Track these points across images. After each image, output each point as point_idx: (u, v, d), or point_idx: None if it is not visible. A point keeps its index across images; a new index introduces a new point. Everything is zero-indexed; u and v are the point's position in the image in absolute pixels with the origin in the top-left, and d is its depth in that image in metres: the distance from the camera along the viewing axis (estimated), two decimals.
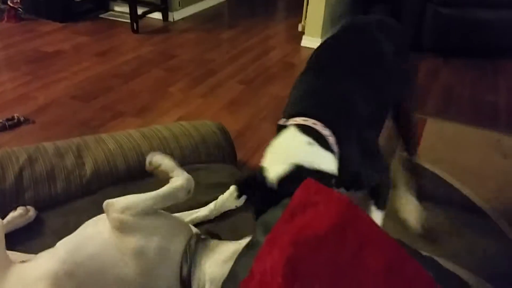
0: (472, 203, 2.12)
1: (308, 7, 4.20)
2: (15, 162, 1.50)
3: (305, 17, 4.34)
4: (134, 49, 3.84)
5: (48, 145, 1.62)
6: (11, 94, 2.90)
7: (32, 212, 1.38)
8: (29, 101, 2.79)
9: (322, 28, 4.15)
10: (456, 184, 2.24)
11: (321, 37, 4.16)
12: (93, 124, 2.59)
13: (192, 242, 1.00)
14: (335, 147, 1.15)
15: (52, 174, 1.50)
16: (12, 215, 1.32)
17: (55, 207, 1.44)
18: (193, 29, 4.47)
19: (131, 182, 1.54)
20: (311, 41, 4.20)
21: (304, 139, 1.12)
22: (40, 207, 1.43)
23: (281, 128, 1.23)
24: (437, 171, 2.32)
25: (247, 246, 0.88)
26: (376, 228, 0.83)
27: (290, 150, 1.13)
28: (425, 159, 2.39)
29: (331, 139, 1.15)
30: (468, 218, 2.02)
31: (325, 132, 1.15)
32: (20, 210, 1.35)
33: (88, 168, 1.56)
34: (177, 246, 0.99)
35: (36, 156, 1.55)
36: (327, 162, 1.11)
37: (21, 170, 1.48)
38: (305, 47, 4.18)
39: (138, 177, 1.53)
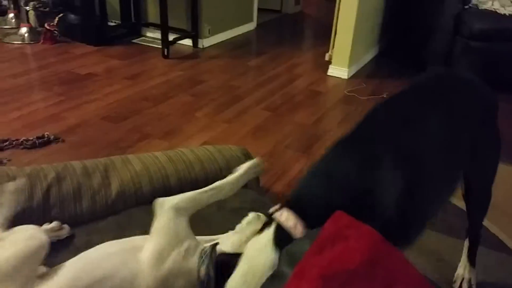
0: (500, 241, 2.05)
1: (336, 36, 4.23)
2: (43, 179, 1.53)
3: (333, 47, 4.38)
4: (163, 73, 3.92)
5: (76, 164, 1.64)
6: (43, 113, 2.98)
7: (66, 230, 1.39)
8: (60, 121, 2.86)
9: (350, 58, 4.17)
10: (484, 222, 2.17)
11: (348, 67, 4.18)
12: (121, 145, 2.63)
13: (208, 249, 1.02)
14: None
15: (78, 193, 1.52)
16: (45, 227, 1.34)
17: (80, 225, 1.46)
18: (221, 56, 4.56)
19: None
20: (338, 70, 4.22)
21: (272, 260, 0.92)
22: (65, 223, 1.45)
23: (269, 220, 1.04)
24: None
25: (271, 277, 0.86)
26: (407, 265, 0.81)
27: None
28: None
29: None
30: (497, 256, 1.95)
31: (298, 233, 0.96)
32: (54, 224, 1.37)
33: (114, 188, 1.58)
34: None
35: (64, 174, 1.57)
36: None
37: (49, 187, 1.50)
38: (331, 76, 4.20)
39: None
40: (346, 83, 4.08)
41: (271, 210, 1.06)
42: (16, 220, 1.36)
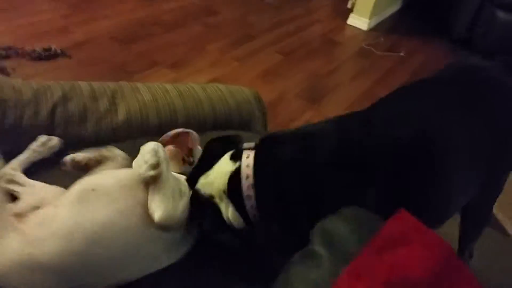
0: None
1: None
2: (49, 97, 1.47)
3: None
4: None
5: (84, 86, 1.58)
6: (51, 24, 2.87)
7: (55, 141, 1.32)
8: (68, 35, 2.77)
9: (373, 8, 4.00)
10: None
11: (369, 18, 4.02)
12: (128, 70, 2.56)
13: None
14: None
15: (84, 115, 1.47)
16: (34, 143, 1.29)
17: (83, 148, 1.44)
18: None
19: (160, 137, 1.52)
20: (358, 20, 4.07)
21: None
22: (68, 147, 1.43)
23: None
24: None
25: (303, 254, 0.83)
26: (477, 285, 0.75)
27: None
28: None
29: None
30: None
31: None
32: (42, 138, 1.31)
33: (120, 115, 1.53)
34: None
35: (71, 95, 1.52)
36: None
37: (54, 106, 1.45)
38: (351, 26, 4.05)
39: None
40: (364, 35, 3.95)
41: (245, 145, 1.08)
42: (20, 134, 1.34)
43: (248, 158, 1.01)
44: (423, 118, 0.98)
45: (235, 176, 1.00)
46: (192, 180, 1.09)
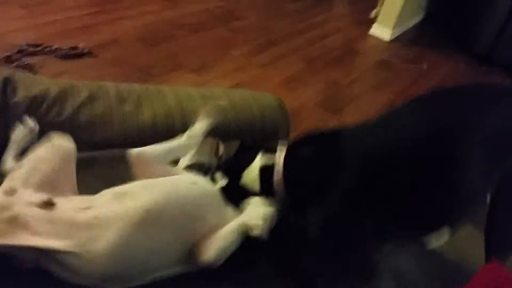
0: None
1: None
2: (76, 96, 1.48)
3: (382, 3, 4.17)
4: (203, 1, 3.78)
5: (110, 87, 1.58)
6: (78, 22, 2.92)
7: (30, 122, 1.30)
8: (94, 34, 2.80)
9: (397, 19, 3.97)
10: None
11: (393, 29, 4.00)
12: (153, 72, 2.58)
13: None
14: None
15: (110, 117, 1.47)
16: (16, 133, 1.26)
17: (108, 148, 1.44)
18: None
19: None
20: (381, 31, 4.04)
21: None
22: (94, 146, 1.43)
23: None
24: None
25: None
26: None
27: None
28: None
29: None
30: None
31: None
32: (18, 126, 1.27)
33: (146, 119, 1.51)
34: None
35: (98, 95, 1.52)
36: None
37: (80, 105, 1.45)
38: (373, 36, 4.03)
39: None
40: (386, 46, 3.93)
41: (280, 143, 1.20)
42: (44, 132, 1.34)
43: (280, 154, 1.13)
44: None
45: (266, 171, 1.12)
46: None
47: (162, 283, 0.97)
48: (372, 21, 4.12)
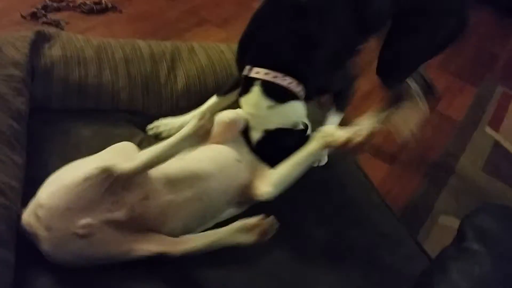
0: None
1: None
2: (110, 57, 1.47)
3: None
4: None
5: (144, 46, 1.56)
6: None
7: None
8: None
9: None
10: None
11: None
12: (179, 27, 2.56)
13: None
14: (302, 92, 1.20)
15: (146, 83, 1.48)
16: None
17: (147, 115, 1.46)
18: None
19: None
20: None
21: (265, 103, 1.16)
22: (132, 112, 1.45)
23: (247, 81, 1.21)
24: None
25: (459, 250, 0.85)
26: None
27: (257, 115, 1.18)
28: (506, 138, 2.32)
29: (300, 90, 1.19)
30: None
31: (296, 89, 1.18)
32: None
33: (180, 83, 1.52)
34: None
35: (132, 56, 1.51)
36: (293, 113, 1.20)
37: (116, 68, 1.45)
38: None
39: None
40: None
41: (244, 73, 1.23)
42: (84, 93, 1.37)
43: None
44: None
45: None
46: None
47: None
48: None
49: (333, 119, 1.42)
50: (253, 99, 1.18)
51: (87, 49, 1.45)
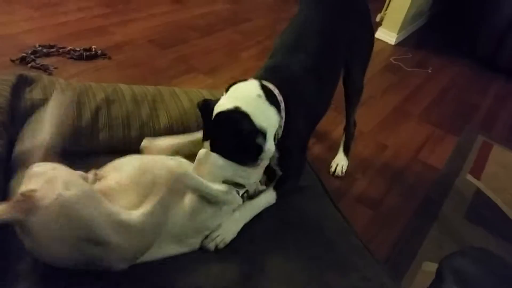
0: None
1: None
2: (92, 98, 1.48)
3: (386, 8, 4.20)
4: (210, 3, 3.82)
5: (125, 89, 1.59)
6: (90, 23, 2.95)
7: None
8: (107, 36, 2.83)
9: (402, 24, 4.01)
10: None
11: (398, 33, 4.04)
12: (167, 74, 2.62)
13: None
14: (282, 111, 1.30)
15: (127, 120, 1.49)
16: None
17: (129, 153, 1.46)
18: None
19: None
20: (386, 34, 4.08)
21: (256, 91, 1.24)
22: (114, 151, 1.45)
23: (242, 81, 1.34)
24: (498, 201, 2.28)
25: None
26: None
27: (242, 95, 1.24)
28: (487, 186, 2.34)
29: (281, 104, 1.29)
30: None
31: (279, 97, 1.29)
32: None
33: (162, 122, 1.54)
34: None
35: (113, 98, 1.53)
36: (267, 115, 1.24)
37: (97, 109, 1.47)
38: (378, 39, 4.06)
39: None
40: (392, 49, 3.96)
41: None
42: (65, 138, 1.37)
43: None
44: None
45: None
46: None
47: None
48: (378, 25, 4.15)
49: (265, 196, 1.37)
50: (247, 85, 1.32)
51: (68, 92, 1.47)
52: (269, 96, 1.25)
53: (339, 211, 1.51)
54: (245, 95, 1.23)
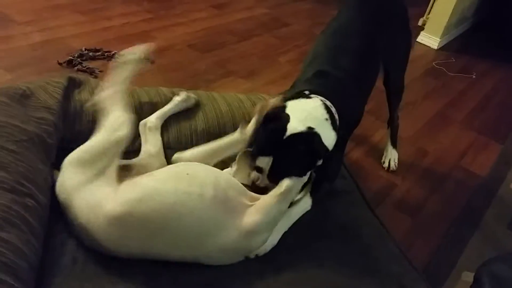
0: None
1: (435, 2, 3.97)
2: (137, 101, 1.56)
3: (429, 12, 4.12)
4: (249, 8, 3.86)
5: (167, 92, 1.65)
6: (133, 29, 3.04)
7: (192, 100, 1.61)
8: (149, 40, 2.87)
9: (445, 27, 3.91)
10: None
11: (440, 37, 3.94)
12: (206, 78, 2.66)
13: None
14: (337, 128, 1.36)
15: (166, 122, 1.54)
16: (178, 98, 1.57)
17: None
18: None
19: None
20: (429, 38, 4.00)
21: (324, 115, 1.31)
22: None
23: (303, 95, 1.38)
24: None
25: None
26: None
27: (312, 116, 1.28)
28: None
29: (337, 122, 1.35)
30: None
31: (336, 115, 1.35)
32: (182, 95, 1.57)
33: (199, 125, 1.57)
34: None
35: (156, 100, 1.60)
36: (329, 139, 1.31)
37: (142, 108, 1.54)
38: (421, 43, 3.99)
39: None
40: (434, 54, 3.87)
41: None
42: None
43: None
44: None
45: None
46: None
47: None
48: (420, 29, 4.07)
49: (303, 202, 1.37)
50: (314, 105, 1.35)
51: None
52: (333, 120, 1.33)
53: (376, 217, 1.49)
54: (313, 117, 1.29)
